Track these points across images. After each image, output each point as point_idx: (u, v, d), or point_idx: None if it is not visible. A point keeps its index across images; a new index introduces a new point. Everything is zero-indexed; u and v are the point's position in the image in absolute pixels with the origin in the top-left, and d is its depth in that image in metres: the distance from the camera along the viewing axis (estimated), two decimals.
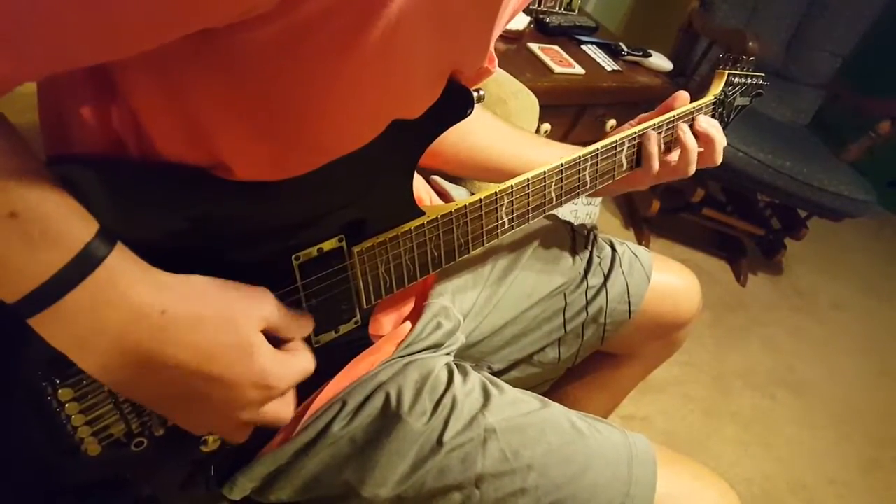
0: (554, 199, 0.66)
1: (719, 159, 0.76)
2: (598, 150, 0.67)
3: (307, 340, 0.50)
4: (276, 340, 0.45)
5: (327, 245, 0.50)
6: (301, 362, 0.47)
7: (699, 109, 0.77)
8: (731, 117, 0.85)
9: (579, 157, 0.65)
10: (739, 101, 0.84)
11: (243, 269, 0.44)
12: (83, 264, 0.36)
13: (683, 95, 0.75)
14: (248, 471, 0.57)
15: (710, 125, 0.75)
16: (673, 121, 0.73)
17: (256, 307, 0.44)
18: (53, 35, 0.30)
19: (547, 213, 0.67)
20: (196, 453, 0.52)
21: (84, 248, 0.36)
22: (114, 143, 0.40)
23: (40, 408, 0.43)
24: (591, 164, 0.67)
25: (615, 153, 0.69)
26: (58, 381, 0.42)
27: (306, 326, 0.49)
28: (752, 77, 0.85)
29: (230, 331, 0.41)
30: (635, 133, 0.70)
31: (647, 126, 0.72)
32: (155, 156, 0.41)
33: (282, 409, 0.46)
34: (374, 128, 0.45)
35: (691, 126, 0.75)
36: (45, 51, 0.31)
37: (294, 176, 0.44)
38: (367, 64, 0.38)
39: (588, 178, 0.68)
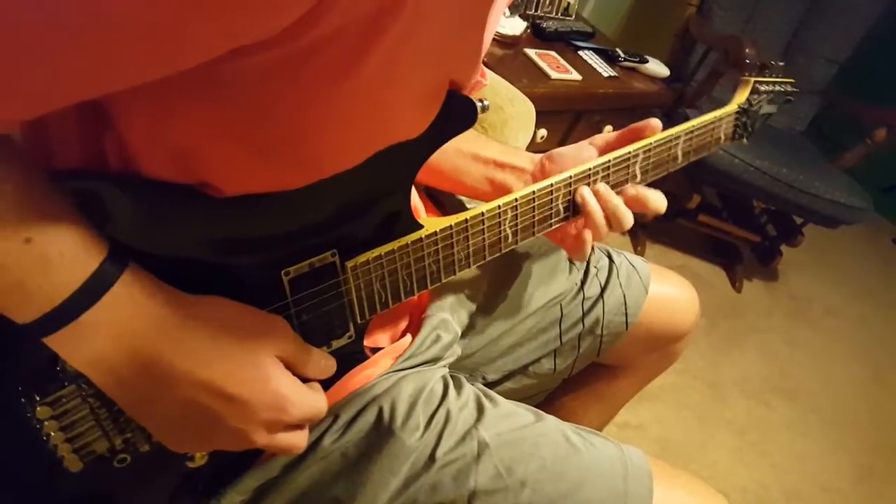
0: (562, 211, 0.64)
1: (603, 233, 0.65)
2: (609, 161, 0.64)
3: None
4: None
5: (319, 260, 0.48)
6: (316, 398, 0.47)
7: (719, 120, 0.74)
8: (757, 126, 0.80)
9: (589, 170, 0.63)
10: (766, 109, 0.80)
11: (232, 284, 0.44)
12: (100, 281, 0.37)
13: (654, 124, 0.68)
14: (236, 484, 0.55)
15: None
16: (650, 149, 0.67)
17: (273, 334, 0.44)
18: (48, 76, 0.30)
19: (553, 229, 0.64)
20: (182, 468, 0.51)
21: (100, 266, 0.37)
22: (96, 162, 0.40)
23: (20, 423, 0.42)
24: (603, 177, 0.65)
25: (628, 164, 0.66)
26: (37, 398, 0.41)
27: (322, 365, 0.48)
28: (780, 84, 0.81)
29: (246, 350, 0.42)
30: (629, 153, 0.66)
31: (629, 150, 0.66)
32: (138, 176, 0.40)
33: (296, 438, 0.46)
34: (372, 148, 0.44)
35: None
36: (38, 92, 0.31)
37: (284, 191, 0.43)
38: (364, 88, 0.37)
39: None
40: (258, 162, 0.40)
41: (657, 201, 0.67)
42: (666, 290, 0.86)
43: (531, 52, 1.57)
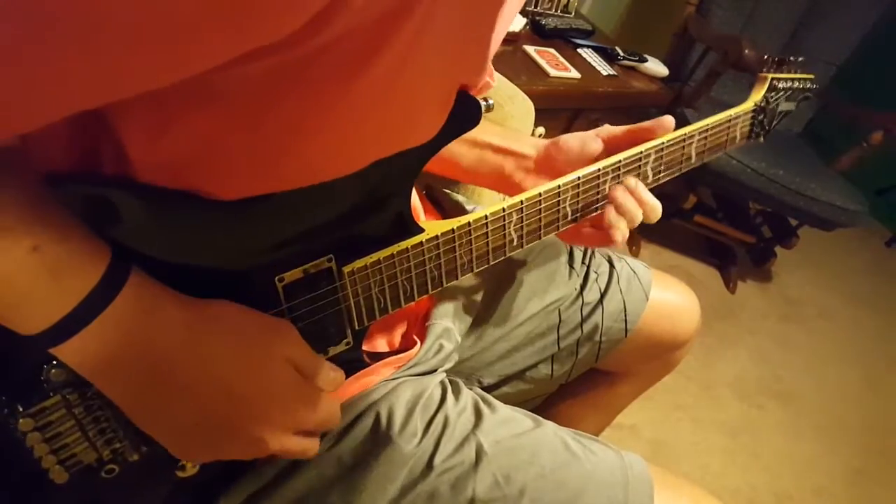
0: (570, 213, 0.62)
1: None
2: (619, 161, 0.62)
3: None
4: None
5: (314, 266, 0.47)
6: (330, 404, 0.46)
7: (735, 118, 0.71)
8: (774, 124, 0.78)
9: (598, 170, 0.61)
10: (784, 107, 0.77)
11: (226, 291, 0.42)
12: (109, 285, 0.36)
13: (667, 122, 0.65)
14: (228, 492, 0.54)
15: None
16: (662, 148, 0.65)
17: (282, 337, 0.43)
18: (50, 88, 0.28)
19: (561, 230, 0.62)
20: (172, 477, 0.50)
21: (108, 270, 0.36)
22: (89, 169, 0.38)
23: (4, 435, 0.41)
24: (613, 177, 0.63)
25: (639, 165, 0.64)
26: (20, 409, 0.40)
27: (331, 377, 0.46)
28: (798, 80, 0.78)
29: (256, 353, 0.41)
30: (640, 153, 0.64)
31: (641, 150, 0.64)
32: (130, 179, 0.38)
33: (308, 443, 0.45)
34: (378, 154, 0.42)
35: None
36: (42, 104, 0.29)
37: (281, 194, 0.41)
38: (371, 93, 0.35)
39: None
40: (258, 168, 0.39)
41: (654, 210, 0.64)
42: (667, 296, 0.84)
43: (530, 50, 1.55)
